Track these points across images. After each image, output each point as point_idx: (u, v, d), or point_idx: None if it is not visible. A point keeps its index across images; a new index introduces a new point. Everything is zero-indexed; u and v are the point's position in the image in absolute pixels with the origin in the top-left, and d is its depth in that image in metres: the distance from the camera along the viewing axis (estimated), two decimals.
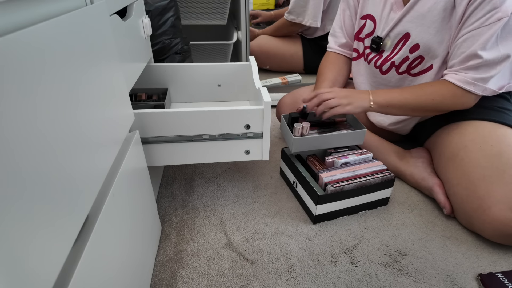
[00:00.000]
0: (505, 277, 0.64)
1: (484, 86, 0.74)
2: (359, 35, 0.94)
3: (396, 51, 0.85)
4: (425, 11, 0.77)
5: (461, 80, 0.75)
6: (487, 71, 0.73)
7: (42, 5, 0.33)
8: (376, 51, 0.89)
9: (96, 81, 0.42)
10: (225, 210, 0.82)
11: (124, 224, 0.49)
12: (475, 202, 0.71)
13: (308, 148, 0.82)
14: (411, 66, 0.84)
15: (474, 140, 0.77)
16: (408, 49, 0.82)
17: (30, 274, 0.27)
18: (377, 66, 0.91)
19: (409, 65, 0.84)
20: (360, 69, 0.98)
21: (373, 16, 0.88)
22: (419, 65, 0.83)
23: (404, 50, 0.83)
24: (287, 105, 1.05)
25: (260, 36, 1.78)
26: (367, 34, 0.91)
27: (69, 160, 0.33)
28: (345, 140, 0.84)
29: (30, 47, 0.28)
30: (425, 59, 0.81)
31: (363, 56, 0.95)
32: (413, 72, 0.85)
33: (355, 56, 0.98)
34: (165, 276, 0.65)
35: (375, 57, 0.91)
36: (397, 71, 0.87)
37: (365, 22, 0.90)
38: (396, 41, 0.84)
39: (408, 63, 0.84)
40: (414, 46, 0.81)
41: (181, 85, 0.96)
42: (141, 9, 0.77)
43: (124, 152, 0.52)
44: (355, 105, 0.78)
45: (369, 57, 0.92)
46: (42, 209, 0.28)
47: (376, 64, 0.91)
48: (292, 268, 0.67)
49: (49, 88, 0.31)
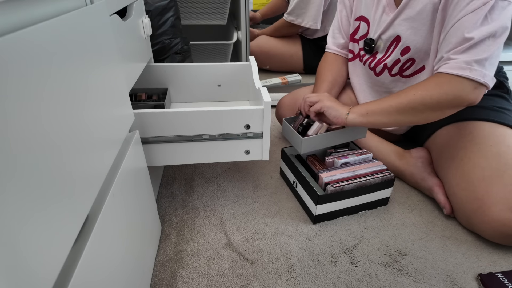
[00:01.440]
0: (505, 277, 0.64)
1: (483, 71, 0.65)
2: (354, 36, 0.94)
3: (388, 54, 0.85)
4: (415, 14, 0.75)
5: (453, 67, 0.66)
6: (481, 52, 0.64)
7: (42, 5, 0.33)
8: (369, 52, 0.90)
9: (96, 81, 0.42)
10: (225, 210, 0.82)
11: (124, 224, 0.49)
12: (474, 202, 0.71)
13: (316, 147, 0.82)
14: (403, 68, 0.84)
15: (473, 140, 0.77)
16: (399, 51, 0.82)
17: (30, 274, 0.26)
18: (371, 67, 0.91)
19: (400, 67, 0.84)
20: (356, 69, 0.98)
21: (367, 18, 0.88)
22: (411, 67, 0.83)
23: (396, 53, 0.83)
24: (287, 105, 1.05)
25: (260, 36, 1.78)
26: (361, 36, 0.91)
27: (69, 160, 0.33)
28: (349, 135, 0.84)
29: (30, 47, 0.28)
30: (416, 61, 0.81)
31: (358, 57, 0.95)
32: (405, 74, 0.85)
33: (351, 57, 0.98)
34: (165, 276, 0.65)
35: (369, 59, 0.91)
36: (389, 73, 0.87)
37: (359, 24, 0.91)
38: (388, 44, 0.84)
39: (399, 66, 0.84)
40: (405, 49, 0.81)
41: (181, 85, 0.96)
42: (141, 9, 0.77)
43: (124, 152, 0.52)
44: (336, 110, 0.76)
45: (363, 58, 0.93)
46: (42, 208, 0.28)
47: (370, 65, 0.91)
48: (292, 268, 0.67)
49: (49, 88, 0.31)
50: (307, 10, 1.52)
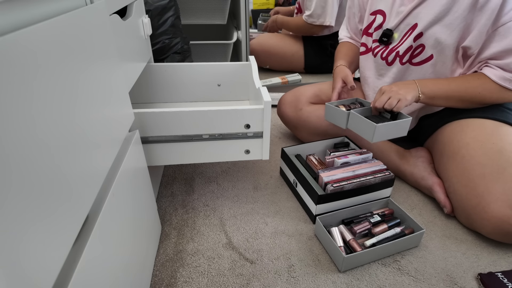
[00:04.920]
0: (505, 277, 0.64)
1: None
2: (368, 30, 0.95)
3: (402, 41, 0.86)
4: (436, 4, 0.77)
5: (500, 77, 0.76)
6: None
7: (42, 4, 0.33)
8: (385, 43, 0.91)
9: (96, 81, 0.42)
10: (225, 210, 0.82)
11: (124, 224, 0.49)
12: (474, 199, 0.71)
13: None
14: (413, 54, 0.85)
15: (476, 137, 0.77)
16: (413, 38, 0.83)
17: (30, 274, 0.27)
18: (383, 57, 0.92)
19: (411, 53, 0.85)
20: (368, 63, 0.99)
21: (383, 11, 0.90)
22: (421, 54, 0.84)
23: (410, 40, 0.84)
24: (288, 103, 1.05)
25: (262, 34, 1.78)
26: (376, 27, 0.92)
27: (69, 160, 0.33)
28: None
29: (30, 46, 0.28)
30: (426, 48, 0.82)
31: (371, 50, 0.96)
32: (415, 61, 0.86)
33: (363, 50, 0.98)
34: (165, 275, 0.65)
35: (382, 49, 0.92)
36: (400, 61, 0.88)
37: (375, 17, 0.91)
38: (404, 32, 0.85)
39: (410, 52, 0.85)
40: (418, 35, 0.82)
41: (181, 85, 0.96)
42: (141, 9, 0.77)
43: (124, 151, 0.52)
44: (411, 94, 0.79)
45: (375, 50, 0.93)
46: (42, 208, 0.28)
47: (382, 55, 0.92)
48: (292, 267, 0.67)
49: (49, 87, 0.31)
50: (326, 9, 1.52)
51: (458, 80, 0.81)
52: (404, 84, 0.81)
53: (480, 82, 0.78)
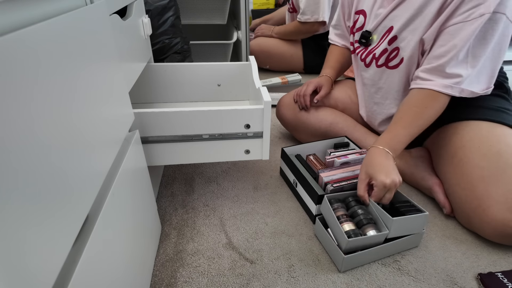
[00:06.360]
0: (505, 277, 0.64)
1: (460, 87, 0.73)
2: (352, 29, 0.95)
3: (379, 44, 0.86)
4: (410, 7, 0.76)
5: (443, 87, 0.74)
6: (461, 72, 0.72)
7: (42, 4, 0.33)
8: (365, 45, 0.90)
9: (95, 81, 0.42)
10: (225, 210, 0.82)
11: (124, 224, 0.49)
12: (474, 202, 0.71)
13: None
14: (389, 58, 0.85)
15: (472, 140, 0.77)
16: (388, 40, 0.83)
17: (30, 274, 0.27)
18: (362, 59, 0.92)
19: (387, 57, 0.85)
20: (354, 62, 1.00)
21: (365, 11, 0.89)
22: (396, 57, 0.83)
23: (385, 42, 0.84)
24: (287, 104, 1.05)
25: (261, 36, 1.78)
26: (358, 28, 0.92)
27: (69, 160, 0.33)
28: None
29: (30, 46, 0.28)
30: (400, 51, 0.82)
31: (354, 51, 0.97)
32: (391, 64, 0.85)
33: (352, 50, 0.99)
34: (165, 275, 0.65)
35: (361, 50, 0.92)
36: (376, 63, 0.88)
37: (358, 17, 0.91)
38: (381, 35, 0.85)
39: (386, 55, 0.85)
40: (393, 38, 0.82)
41: (181, 85, 0.96)
42: (141, 9, 0.77)
43: (124, 151, 0.52)
44: (394, 173, 0.70)
45: (356, 50, 0.94)
46: (42, 208, 0.28)
47: (361, 57, 0.92)
48: (292, 267, 0.67)
49: (49, 87, 0.31)
50: (319, 5, 1.52)
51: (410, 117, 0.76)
52: (379, 163, 0.71)
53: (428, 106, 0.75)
